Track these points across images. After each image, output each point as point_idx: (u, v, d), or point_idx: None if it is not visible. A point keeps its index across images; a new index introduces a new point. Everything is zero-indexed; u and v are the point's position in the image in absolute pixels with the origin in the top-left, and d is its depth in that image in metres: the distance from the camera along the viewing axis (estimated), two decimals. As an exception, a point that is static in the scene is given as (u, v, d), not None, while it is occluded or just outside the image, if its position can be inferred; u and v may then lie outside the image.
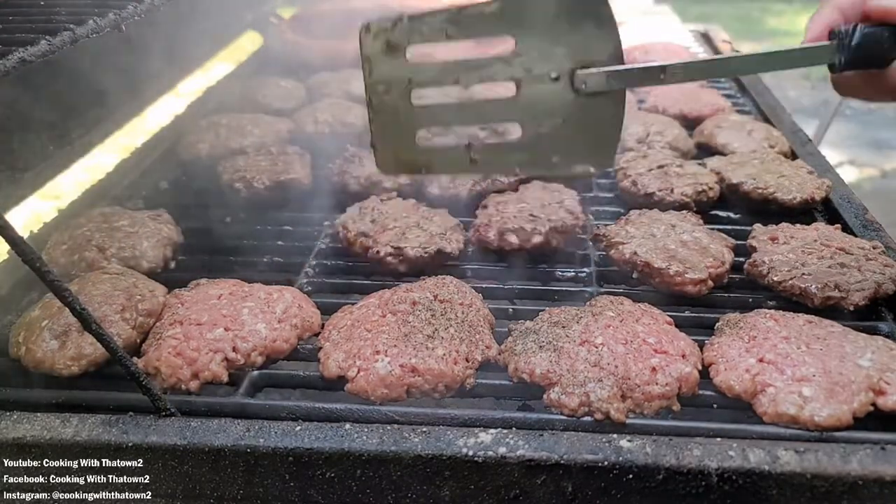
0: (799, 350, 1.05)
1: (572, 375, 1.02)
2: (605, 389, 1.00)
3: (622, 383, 1.01)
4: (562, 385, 1.02)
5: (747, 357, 1.05)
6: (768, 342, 1.07)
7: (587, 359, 1.04)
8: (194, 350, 1.08)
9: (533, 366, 1.05)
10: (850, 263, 1.27)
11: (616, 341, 1.07)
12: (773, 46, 0.99)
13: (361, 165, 1.71)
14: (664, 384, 1.01)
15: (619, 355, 1.04)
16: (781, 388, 0.99)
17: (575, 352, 1.05)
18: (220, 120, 1.96)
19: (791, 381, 1.00)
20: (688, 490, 0.92)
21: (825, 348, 1.05)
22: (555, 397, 1.01)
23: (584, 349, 1.06)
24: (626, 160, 1.71)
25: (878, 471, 0.89)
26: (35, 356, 1.09)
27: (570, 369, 1.03)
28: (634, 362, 1.03)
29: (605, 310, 1.14)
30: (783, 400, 0.97)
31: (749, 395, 1.01)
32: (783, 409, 0.96)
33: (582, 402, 0.99)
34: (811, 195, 1.53)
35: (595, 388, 1.00)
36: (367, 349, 1.07)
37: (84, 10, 1.01)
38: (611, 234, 1.40)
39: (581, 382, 1.01)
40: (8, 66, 0.83)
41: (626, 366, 1.03)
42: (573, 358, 1.04)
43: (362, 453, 0.94)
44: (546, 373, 1.04)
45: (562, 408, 1.00)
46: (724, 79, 2.56)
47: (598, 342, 1.07)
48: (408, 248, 1.36)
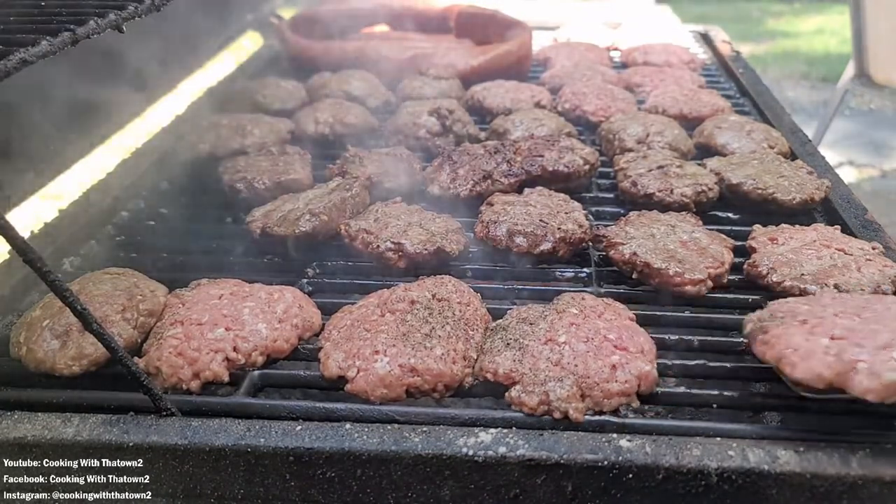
0: (858, 321, 0.98)
1: (533, 374, 1.03)
2: (564, 389, 1.01)
3: (581, 382, 1.02)
4: (523, 384, 1.03)
5: (818, 339, 0.95)
6: (826, 321, 0.99)
7: (549, 357, 1.05)
8: (195, 350, 1.08)
9: (496, 365, 1.06)
10: (850, 264, 1.27)
11: (578, 339, 1.08)
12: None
13: (361, 165, 1.71)
14: (623, 381, 1.02)
15: (581, 353, 1.05)
16: (871, 359, 0.89)
17: (538, 350, 1.07)
18: (220, 120, 1.96)
19: (877, 350, 0.91)
20: (687, 490, 0.92)
21: (877, 315, 0.99)
22: (515, 395, 1.02)
23: (548, 347, 1.07)
24: (625, 160, 1.71)
25: (878, 471, 0.89)
26: (36, 356, 1.09)
27: (531, 368, 1.04)
28: (594, 360, 1.04)
29: (568, 307, 1.16)
30: (884, 369, 0.88)
31: (841, 379, 0.90)
32: (890, 378, 0.87)
33: (542, 401, 1.00)
34: (811, 195, 1.54)
35: (555, 387, 1.01)
36: (367, 349, 1.08)
37: (84, 10, 1.01)
38: (611, 234, 1.40)
39: (541, 381, 1.02)
40: (9, 66, 0.83)
41: (586, 364, 1.04)
42: (536, 356, 1.06)
43: (362, 453, 0.94)
44: (508, 372, 1.05)
45: (522, 406, 1.01)
46: (723, 79, 2.57)
47: (562, 340, 1.08)
48: (407, 244, 1.36)
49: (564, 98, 2.18)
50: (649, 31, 2.92)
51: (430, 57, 2.43)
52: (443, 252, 1.37)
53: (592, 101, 2.13)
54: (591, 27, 3.06)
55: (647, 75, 2.41)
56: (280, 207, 1.52)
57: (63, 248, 1.53)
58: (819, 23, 8.79)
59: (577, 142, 1.76)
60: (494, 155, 1.68)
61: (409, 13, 2.88)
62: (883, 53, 3.86)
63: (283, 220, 1.44)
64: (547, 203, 1.51)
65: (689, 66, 2.59)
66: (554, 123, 1.96)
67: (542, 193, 1.57)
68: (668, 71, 2.45)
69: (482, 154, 1.70)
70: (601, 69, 2.45)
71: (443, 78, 2.32)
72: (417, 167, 1.75)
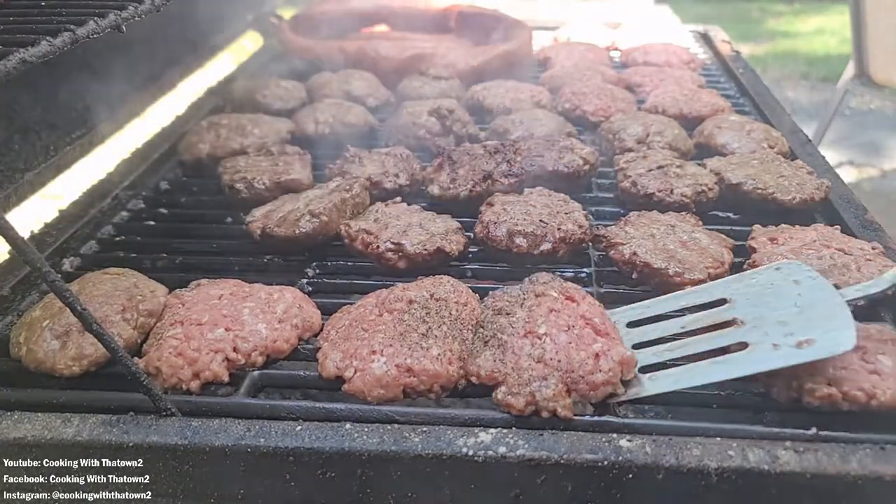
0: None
1: (517, 374, 1.02)
2: (549, 388, 0.99)
3: (566, 378, 1.00)
4: (507, 385, 1.01)
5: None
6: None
7: (531, 354, 1.03)
8: (195, 350, 1.08)
9: (478, 367, 1.04)
10: (850, 264, 1.27)
11: (559, 329, 1.06)
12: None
13: (361, 165, 1.71)
14: (607, 370, 1.01)
15: (563, 346, 1.03)
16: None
17: (519, 346, 1.05)
18: (220, 120, 1.96)
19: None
20: (687, 490, 0.92)
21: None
22: (501, 398, 1.01)
23: (528, 341, 1.05)
24: (625, 160, 1.71)
25: (878, 471, 0.89)
26: (36, 356, 1.09)
27: (514, 367, 1.03)
28: (577, 351, 1.03)
29: (547, 290, 1.14)
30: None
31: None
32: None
33: (528, 402, 0.99)
34: (810, 195, 1.54)
35: (540, 387, 0.99)
36: (364, 349, 1.07)
37: (84, 10, 1.01)
38: (610, 234, 1.40)
39: (526, 382, 1.00)
40: (9, 66, 0.83)
41: (569, 357, 1.02)
42: (517, 354, 1.04)
43: (362, 453, 0.94)
44: (491, 373, 1.03)
45: (509, 408, 1.00)
46: (723, 79, 2.57)
47: (542, 332, 1.06)
48: (407, 245, 1.36)
49: (564, 98, 2.18)
50: (649, 31, 2.92)
51: (430, 57, 2.43)
52: (442, 252, 1.37)
53: (592, 101, 2.13)
54: (591, 27, 3.06)
55: (647, 75, 2.41)
56: (280, 208, 1.51)
57: (63, 248, 1.53)
58: (819, 23, 8.79)
59: (577, 142, 1.76)
60: (494, 155, 1.68)
61: (409, 13, 2.89)
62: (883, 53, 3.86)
63: (283, 221, 1.44)
64: (547, 203, 1.51)
65: (689, 66, 2.59)
66: (554, 123, 1.96)
67: (542, 193, 1.57)
68: (668, 71, 2.45)
69: (482, 154, 1.70)
70: (601, 69, 2.45)
71: (443, 78, 2.32)
72: (417, 167, 1.75)
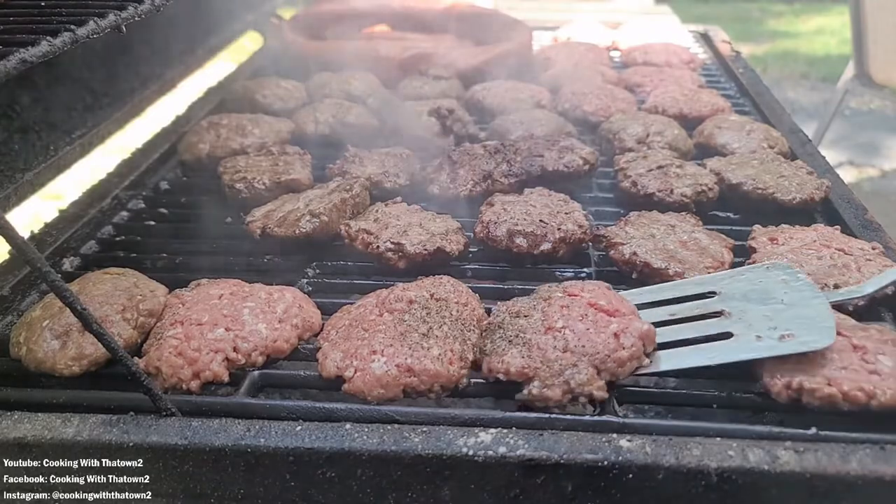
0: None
1: (548, 367, 1.03)
2: (582, 373, 1.01)
3: (594, 360, 1.03)
4: (540, 378, 1.02)
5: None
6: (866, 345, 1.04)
7: (556, 346, 1.05)
8: (195, 350, 1.08)
9: (507, 364, 1.05)
10: (850, 264, 1.27)
11: (574, 320, 1.08)
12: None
13: (361, 165, 1.71)
14: (630, 346, 1.04)
15: (582, 333, 1.06)
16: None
17: (543, 341, 1.06)
18: (220, 120, 1.96)
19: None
20: (687, 490, 0.92)
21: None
22: (537, 392, 1.01)
23: (550, 336, 1.07)
24: (625, 160, 1.71)
25: (878, 471, 0.89)
26: (36, 356, 1.09)
27: (543, 360, 1.04)
28: (597, 334, 1.05)
29: (552, 293, 1.17)
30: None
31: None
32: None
33: (565, 391, 1.00)
34: (810, 195, 1.54)
35: (573, 374, 1.01)
36: (364, 349, 1.07)
37: (84, 10, 1.01)
38: (610, 234, 1.40)
39: (558, 372, 1.02)
40: (9, 66, 0.83)
41: (592, 342, 1.04)
42: (543, 348, 1.05)
43: (362, 453, 0.94)
44: (521, 368, 1.04)
45: (546, 401, 1.00)
46: (723, 79, 2.57)
47: (560, 326, 1.08)
48: (407, 245, 1.36)
49: (564, 98, 2.18)
50: (649, 31, 2.92)
51: (430, 57, 2.43)
52: (442, 252, 1.37)
53: (592, 101, 2.13)
54: (591, 27, 3.06)
55: (647, 75, 2.41)
56: (280, 208, 1.51)
57: (63, 247, 1.53)
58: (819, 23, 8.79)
59: (577, 142, 1.76)
60: (494, 155, 1.68)
61: (409, 13, 2.88)
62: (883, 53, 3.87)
63: (283, 221, 1.44)
64: (547, 203, 1.51)
65: (689, 66, 2.59)
66: (554, 123, 1.96)
67: (542, 193, 1.57)
68: (668, 71, 2.45)
69: (482, 154, 1.70)
70: (601, 69, 2.45)
71: (443, 78, 2.32)
72: (417, 167, 1.75)
